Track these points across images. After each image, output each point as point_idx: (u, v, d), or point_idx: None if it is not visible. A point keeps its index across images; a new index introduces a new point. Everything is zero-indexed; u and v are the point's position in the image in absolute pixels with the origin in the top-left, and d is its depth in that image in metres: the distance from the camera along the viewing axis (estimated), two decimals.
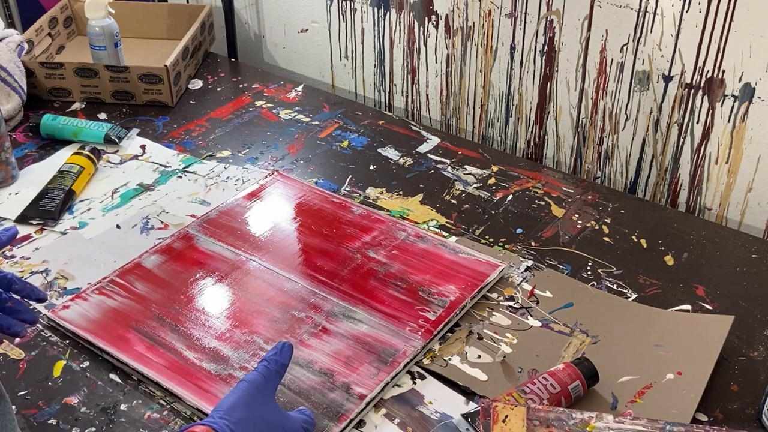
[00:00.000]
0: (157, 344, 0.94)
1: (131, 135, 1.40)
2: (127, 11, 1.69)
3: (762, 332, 0.98)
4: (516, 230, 1.17)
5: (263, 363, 0.77)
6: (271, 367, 0.77)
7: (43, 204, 1.18)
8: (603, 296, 1.04)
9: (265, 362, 0.77)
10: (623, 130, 1.33)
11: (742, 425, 0.85)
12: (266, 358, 0.77)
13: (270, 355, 0.77)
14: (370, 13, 1.55)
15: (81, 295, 1.01)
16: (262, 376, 0.76)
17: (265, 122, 1.46)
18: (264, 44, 1.78)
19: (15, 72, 1.41)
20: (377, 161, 1.33)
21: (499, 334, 0.97)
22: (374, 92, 1.65)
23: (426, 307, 1.00)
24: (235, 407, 0.73)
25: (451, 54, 1.48)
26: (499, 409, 0.81)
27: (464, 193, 1.25)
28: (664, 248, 1.13)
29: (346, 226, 1.15)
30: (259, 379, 0.75)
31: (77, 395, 0.89)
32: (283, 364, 0.78)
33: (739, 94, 1.18)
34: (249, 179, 1.28)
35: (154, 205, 1.21)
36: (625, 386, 0.90)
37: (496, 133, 1.50)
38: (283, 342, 0.79)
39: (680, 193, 1.31)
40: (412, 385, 0.91)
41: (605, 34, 1.27)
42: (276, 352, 0.78)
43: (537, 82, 1.39)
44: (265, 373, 0.76)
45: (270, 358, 0.77)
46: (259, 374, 0.76)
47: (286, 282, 1.04)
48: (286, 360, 0.78)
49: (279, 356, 0.78)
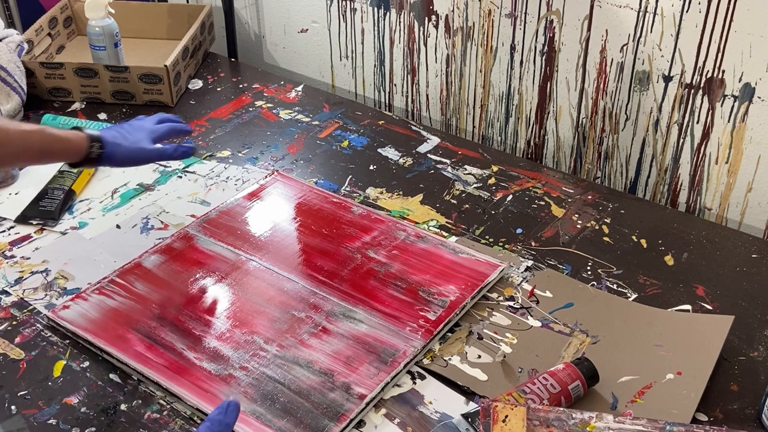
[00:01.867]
0: (157, 344, 0.94)
1: None
2: (127, 11, 1.69)
3: (762, 332, 0.98)
4: (516, 230, 1.17)
5: (206, 424, 0.72)
6: (214, 428, 0.72)
7: (43, 204, 1.18)
8: (603, 296, 1.04)
9: (208, 423, 0.72)
10: (623, 130, 1.33)
11: (742, 425, 0.85)
12: (210, 418, 0.72)
13: (214, 415, 0.72)
14: (370, 13, 1.55)
15: (81, 295, 1.01)
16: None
17: (265, 122, 1.46)
18: (264, 44, 1.78)
19: (15, 72, 1.41)
20: (377, 161, 1.33)
21: (499, 334, 0.97)
22: (374, 92, 1.65)
23: (426, 307, 1.00)
24: None
25: (451, 54, 1.48)
26: (499, 409, 0.81)
27: (464, 193, 1.25)
28: (664, 248, 1.13)
29: (346, 226, 1.15)
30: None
31: (77, 395, 0.89)
32: (228, 424, 0.73)
33: (739, 94, 1.18)
34: (249, 179, 1.28)
35: (154, 205, 1.21)
36: (625, 386, 0.90)
37: (496, 133, 1.50)
38: (229, 401, 0.74)
39: (680, 193, 1.31)
40: (412, 385, 0.91)
41: (605, 34, 1.27)
42: (221, 411, 0.73)
43: (537, 82, 1.39)
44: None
45: (214, 418, 0.72)
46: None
47: (286, 282, 1.04)
48: (231, 420, 0.73)
49: (224, 416, 0.73)
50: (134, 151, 1.06)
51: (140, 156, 1.06)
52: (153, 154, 1.08)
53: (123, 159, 1.05)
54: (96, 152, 1.01)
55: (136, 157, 1.06)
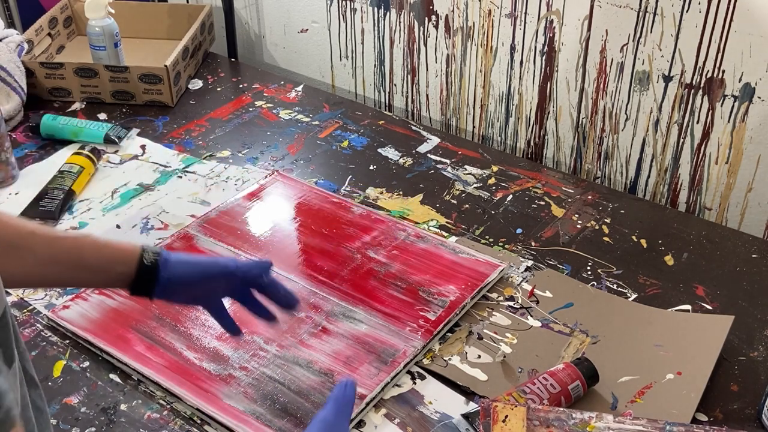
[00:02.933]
0: (157, 344, 0.94)
1: (131, 135, 1.40)
2: (127, 11, 1.69)
3: (762, 332, 0.98)
4: (516, 230, 1.17)
5: (331, 401, 0.73)
6: (339, 405, 0.73)
7: (43, 204, 1.18)
8: (603, 296, 1.04)
9: (332, 401, 0.73)
10: (623, 130, 1.33)
11: (742, 425, 0.85)
12: (332, 396, 0.74)
13: (337, 393, 0.73)
14: (370, 13, 1.55)
15: (81, 295, 1.01)
16: (333, 414, 0.72)
17: (265, 122, 1.46)
18: (264, 44, 1.78)
19: (15, 72, 1.41)
20: (377, 161, 1.33)
21: (499, 334, 0.97)
22: (374, 92, 1.65)
23: (426, 307, 1.00)
24: None
25: (451, 54, 1.48)
26: (499, 409, 0.81)
27: (464, 193, 1.25)
28: (664, 248, 1.13)
29: (346, 226, 1.15)
30: (331, 417, 0.72)
31: (77, 395, 0.89)
32: (350, 401, 0.74)
33: (739, 94, 1.18)
34: (249, 179, 1.28)
35: (154, 205, 1.21)
36: (625, 386, 0.90)
37: (496, 133, 1.50)
38: (346, 381, 0.75)
39: (680, 193, 1.31)
40: (412, 385, 0.91)
41: (605, 34, 1.27)
42: (341, 388, 0.74)
43: (537, 82, 1.39)
44: (336, 409, 0.72)
45: (337, 395, 0.73)
46: (329, 412, 0.72)
47: (286, 282, 1.04)
48: (352, 396, 0.75)
49: (345, 392, 0.74)
50: (199, 259, 0.88)
51: (204, 263, 0.86)
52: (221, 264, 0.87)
53: (183, 268, 0.83)
54: (150, 258, 0.81)
55: (198, 263, 0.86)
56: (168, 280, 0.81)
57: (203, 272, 0.85)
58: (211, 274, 0.85)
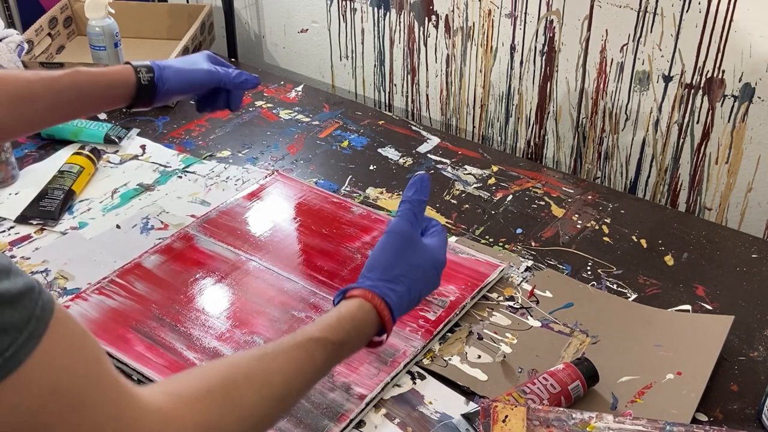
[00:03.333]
0: (157, 344, 0.94)
1: (131, 135, 1.40)
2: (127, 11, 1.69)
3: (762, 332, 0.98)
4: (516, 230, 1.17)
5: (404, 205, 0.75)
6: (414, 208, 0.74)
7: (43, 204, 1.18)
8: (603, 296, 1.04)
9: (407, 204, 0.74)
10: (623, 130, 1.33)
11: (742, 425, 0.85)
12: (406, 199, 0.75)
13: (411, 195, 0.75)
14: (370, 13, 1.55)
15: (81, 295, 1.01)
16: (407, 222, 0.74)
17: (265, 122, 1.46)
18: (264, 44, 1.78)
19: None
20: (377, 161, 1.33)
21: (499, 334, 0.97)
22: (374, 92, 1.65)
23: (426, 307, 1.00)
24: (391, 265, 0.72)
25: (451, 54, 1.48)
26: (499, 409, 0.81)
27: (464, 193, 1.25)
28: (664, 248, 1.13)
29: (346, 226, 1.15)
30: (405, 226, 0.73)
31: None
32: (424, 200, 0.75)
33: (739, 94, 1.18)
34: (249, 179, 1.28)
35: (154, 205, 1.21)
36: (625, 386, 0.90)
37: (496, 133, 1.50)
38: (420, 175, 0.75)
39: (680, 193, 1.31)
40: (412, 385, 0.91)
41: (605, 34, 1.27)
42: (415, 189, 0.75)
43: (537, 82, 1.39)
44: (409, 216, 0.74)
45: (411, 198, 0.75)
46: (402, 220, 0.74)
47: (286, 282, 1.04)
48: (425, 195, 0.75)
49: (419, 194, 0.75)
50: (190, 71, 0.95)
51: (197, 77, 0.96)
52: (212, 76, 0.97)
53: (178, 82, 0.94)
54: (146, 77, 0.90)
55: (192, 78, 0.95)
56: (165, 92, 0.94)
57: (194, 81, 0.96)
58: (201, 83, 0.97)
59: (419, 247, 0.75)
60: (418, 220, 0.76)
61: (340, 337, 0.68)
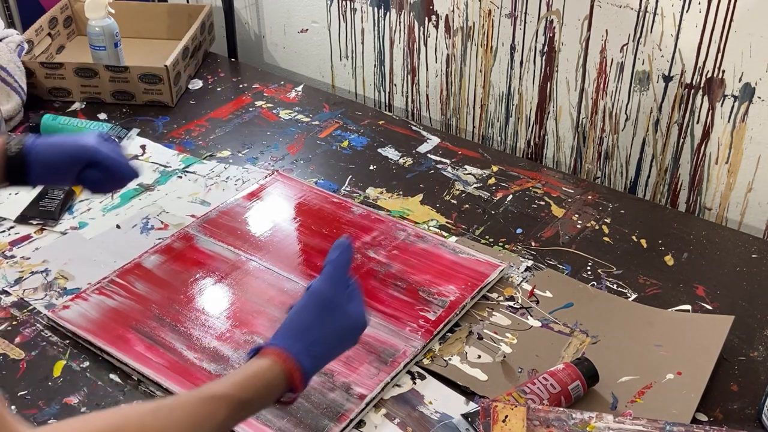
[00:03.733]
0: (157, 344, 0.94)
1: (131, 135, 1.39)
2: (127, 11, 1.69)
3: (762, 332, 0.98)
4: (516, 230, 1.17)
5: (327, 267, 0.73)
6: (337, 270, 0.73)
7: (43, 204, 1.18)
8: (603, 296, 1.04)
9: (330, 266, 0.73)
10: (623, 130, 1.33)
11: (742, 425, 0.85)
12: (329, 260, 0.74)
13: (334, 257, 0.74)
14: (370, 13, 1.55)
15: (81, 295, 1.01)
16: (328, 284, 0.73)
17: (265, 122, 1.46)
18: (264, 44, 1.78)
19: (15, 72, 1.41)
20: (377, 161, 1.33)
21: (499, 334, 0.97)
22: (374, 92, 1.65)
23: (426, 307, 1.00)
24: (308, 327, 0.71)
25: (451, 54, 1.48)
26: (499, 409, 0.81)
27: (464, 193, 1.25)
28: (664, 248, 1.13)
29: (346, 226, 1.15)
30: (326, 289, 0.72)
31: (77, 395, 0.89)
32: (347, 263, 0.74)
33: (739, 94, 1.18)
34: (249, 179, 1.28)
35: (154, 205, 1.21)
36: (625, 386, 0.90)
37: (496, 133, 1.50)
38: (345, 239, 0.75)
39: (680, 193, 1.31)
40: (412, 385, 0.91)
41: (605, 34, 1.27)
42: (340, 252, 0.74)
43: (537, 82, 1.39)
44: (331, 278, 0.73)
45: (334, 260, 0.74)
46: (324, 282, 0.73)
47: (286, 282, 1.04)
48: (349, 258, 0.75)
49: (342, 256, 0.74)
50: (63, 143, 0.88)
51: (70, 148, 0.88)
52: (86, 150, 0.88)
53: (49, 154, 0.86)
54: (14, 147, 0.84)
55: (65, 149, 0.87)
56: (39, 165, 0.86)
57: (66, 152, 0.88)
58: (74, 154, 0.89)
59: (339, 311, 0.74)
60: (341, 282, 0.75)
61: (247, 396, 0.67)
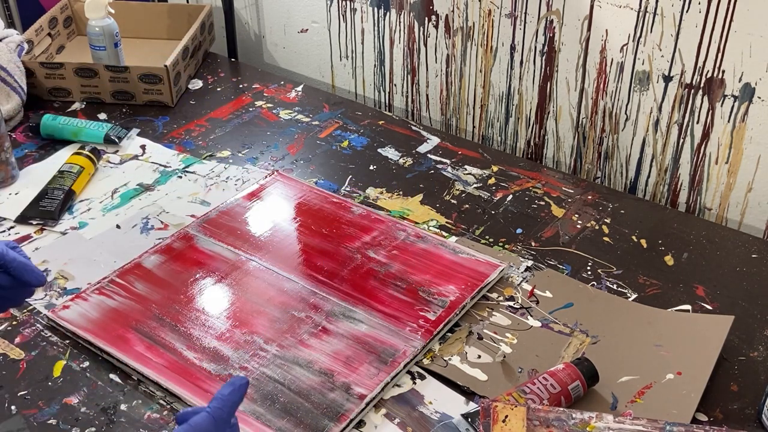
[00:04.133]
0: (157, 344, 0.94)
1: (131, 135, 1.40)
2: (127, 11, 1.69)
3: (762, 332, 0.98)
4: (516, 230, 1.17)
5: (214, 402, 0.70)
6: (224, 409, 0.70)
7: (43, 204, 1.18)
8: (603, 296, 1.04)
9: (218, 401, 0.70)
10: (623, 130, 1.33)
11: (742, 425, 0.85)
12: (219, 396, 0.70)
13: (225, 395, 0.70)
14: (370, 13, 1.55)
15: (81, 295, 1.01)
16: (211, 421, 0.69)
17: (265, 122, 1.46)
18: (264, 44, 1.78)
19: (15, 72, 1.41)
20: (377, 161, 1.33)
21: (499, 334, 0.97)
22: (374, 92, 1.65)
23: (426, 307, 1.00)
24: None
25: (451, 54, 1.48)
26: (499, 409, 0.81)
27: (464, 193, 1.25)
28: (664, 248, 1.13)
29: (346, 226, 1.15)
30: (208, 426, 0.68)
31: (77, 395, 0.89)
32: (237, 402, 0.71)
33: (739, 94, 1.18)
34: (249, 179, 1.28)
35: (154, 205, 1.21)
36: (625, 386, 0.90)
37: (496, 133, 1.50)
38: (241, 378, 0.72)
39: (680, 193, 1.31)
40: (412, 385, 0.91)
41: (605, 34, 1.27)
42: (231, 390, 0.71)
43: (537, 82, 1.39)
44: (216, 415, 0.69)
45: (224, 397, 0.70)
46: (207, 418, 0.69)
47: (286, 282, 1.04)
48: (239, 398, 0.71)
49: (233, 395, 0.71)
50: None
51: None
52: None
53: None
54: None
55: None
56: None
57: None
58: None
59: None
60: (223, 423, 0.70)
61: None
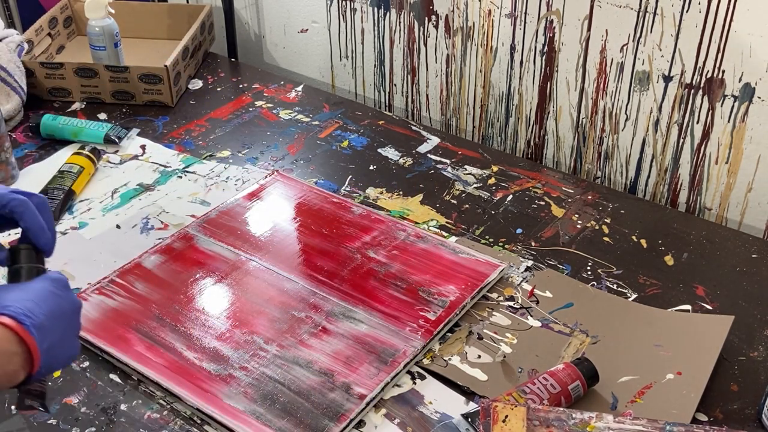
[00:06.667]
0: (157, 344, 0.94)
1: (131, 135, 1.40)
2: (127, 11, 1.69)
3: (762, 332, 0.98)
4: (516, 230, 1.17)
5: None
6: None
7: None
8: (603, 296, 1.04)
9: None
10: (623, 130, 1.33)
11: (742, 425, 0.85)
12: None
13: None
14: (370, 13, 1.55)
15: (81, 295, 1.01)
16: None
17: (265, 122, 1.46)
18: (264, 44, 1.78)
19: (15, 72, 1.41)
20: (377, 161, 1.33)
21: (499, 334, 0.97)
22: (374, 92, 1.65)
23: (426, 307, 1.00)
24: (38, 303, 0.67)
25: (451, 54, 1.48)
26: (499, 409, 0.81)
27: (464, 193, 1.25)
28: (664, 248, 1.13)
29: (346, 226, 1.15)
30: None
31: (77, 395, 0.89)
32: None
33: (739, 94, 1.18)
34: (249, 179, 1.28)
35: (154, 205, 1.21)
36: (625, 386, 0.90)
37: (496, 133, 1.50)
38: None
39: (680, 193, 1.31)
40: (412, 385, 0.91)
41: (605, 34, 1.27)
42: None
43: (537, 82, 1.39)
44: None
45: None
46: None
47: (286, 282, 1.04)
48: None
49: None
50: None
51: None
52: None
53: None
54: None
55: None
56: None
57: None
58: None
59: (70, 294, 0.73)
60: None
61: None
